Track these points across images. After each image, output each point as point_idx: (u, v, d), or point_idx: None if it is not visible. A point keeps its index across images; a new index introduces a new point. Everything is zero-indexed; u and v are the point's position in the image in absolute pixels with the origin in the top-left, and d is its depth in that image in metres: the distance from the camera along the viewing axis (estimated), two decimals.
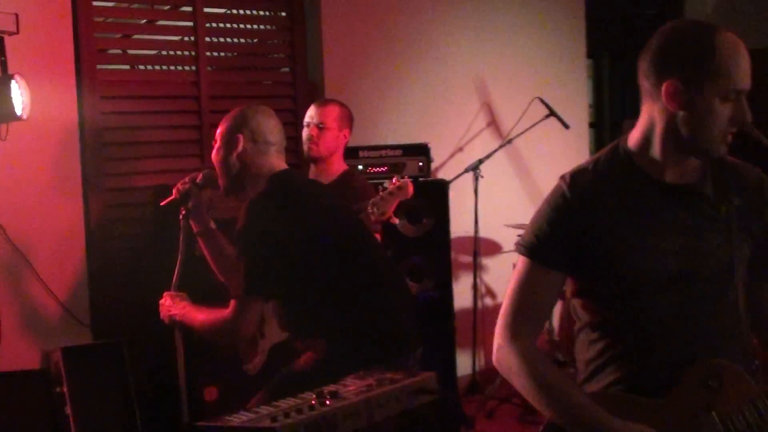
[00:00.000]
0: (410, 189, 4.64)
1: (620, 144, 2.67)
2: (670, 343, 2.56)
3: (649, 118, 2.60)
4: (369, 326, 3.85)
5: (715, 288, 2.57)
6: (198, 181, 4.29)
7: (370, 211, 4.57)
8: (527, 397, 2.68)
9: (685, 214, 2.57)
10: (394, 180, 4.63)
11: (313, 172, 5.12)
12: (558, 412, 2.62)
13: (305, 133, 5.04)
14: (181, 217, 4.31)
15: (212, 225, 4.31)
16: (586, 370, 2.74)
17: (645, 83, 2.60)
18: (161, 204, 4.36)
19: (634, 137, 2.64)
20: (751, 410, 2.50)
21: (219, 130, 4.07)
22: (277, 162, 4.01)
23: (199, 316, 4.07)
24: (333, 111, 5.09)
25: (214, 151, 4.09)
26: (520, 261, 2.69)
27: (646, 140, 2.60)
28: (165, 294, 4.28)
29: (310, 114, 5.06)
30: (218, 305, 4.02)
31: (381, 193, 4.60)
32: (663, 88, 2.52)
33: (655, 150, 2.58)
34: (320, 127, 5.02)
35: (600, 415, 2.52)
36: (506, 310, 2.70)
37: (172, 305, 4.21)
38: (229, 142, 4.00)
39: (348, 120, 5.15)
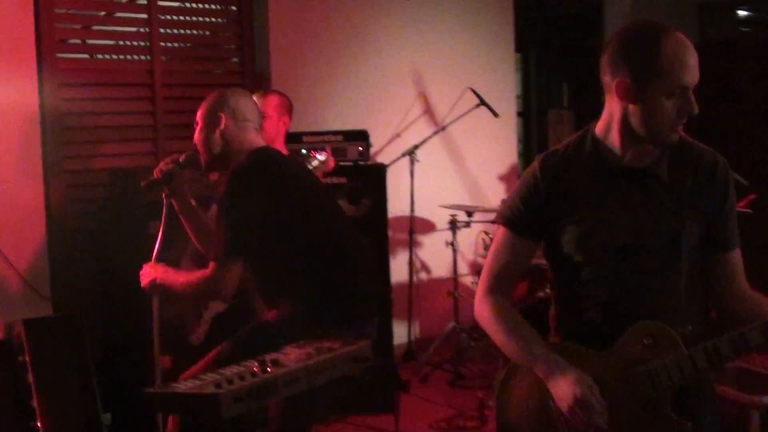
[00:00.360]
0: (331, 163, 4.67)
1: (588, 130, 2.80)
2: (616, 305, 2.70)
3: (609, 110, 2.72)
4: (334, 290, 3.87)
5: (661, 261, 2.67)
6: (180, 161, 4.22)
7: None
8: (495, 341, 2.86)
9: (639, 194, 2.69)
10: (317, 155, 4.64)
11: None
12: (518, 353, 2.79)
13: None
14: (163, 196, 4.23)
15: (193, 202, 4.28)
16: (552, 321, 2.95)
17: (604, 79, 2.70)
18: (142, 185, 4.23)
19: (599, 125, 2.76)
20: (676, 369, 2.60)
21: (199, 113, 4.07)
22: (256, 138, 4.04)
23: (180, 278, 4.07)
24: (273, 100, 5.07)
25: (196, 132, 4.08)
26: (499, 229, 2.90)
27: (608, 128, 2.73)
28: (145, 265, 4.24)
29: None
30: None
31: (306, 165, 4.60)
32: (614, 85, 2.64)
33: (614, 137, 2.71)
34: (262, 117, 4.99)
35: (551, 358, 2.69)
36: (486, 270, 2.91)
37: (152, 271, 4.17)
38: (212, 121, 4.02)
39: (287, 108, 5.13)
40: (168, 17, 6.53)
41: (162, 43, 6.50)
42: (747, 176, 6.25)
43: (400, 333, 7.15)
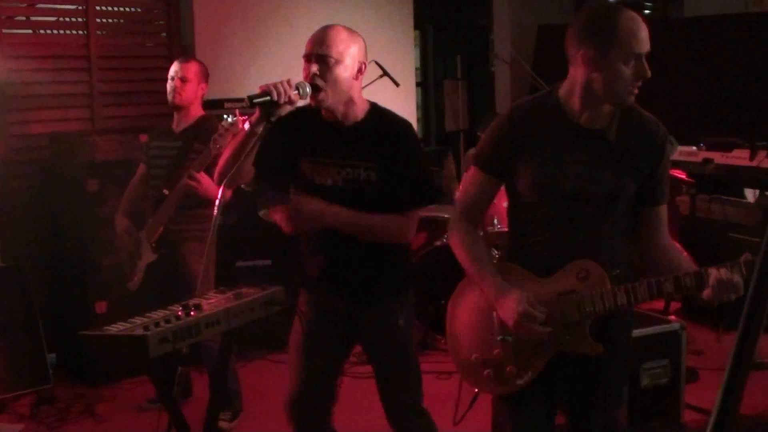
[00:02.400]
0: (240, 125, 4.59)
1: (553, 91, 2.89)
2: (559, 243, 2.83)
3: (572, 77, 2.82)
4: None
5: (600, 209, 2.81)
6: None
7: (212, 146, 4.50)
8: (458, 259, 2.97)
9: (589, 151, 2.81)
10: (228, 118, 4.57)
11: (175, 118, 5.01)
12: (473, 272, 2.92)
13: (170, 85, 4.91)
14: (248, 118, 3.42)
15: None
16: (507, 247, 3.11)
17: (569, 51, 2.81)
18: (252, 99, 3.17)
19: (563, 89, 2.86)
20: (599, 300, 2.75)
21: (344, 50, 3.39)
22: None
23: (372, 219, 3.30)
24: (193, 66, 4.97)
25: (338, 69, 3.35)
26: (471, 167, 3.02)
27: (570, 92, 2.83)
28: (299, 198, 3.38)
29: (174, 69, 4.93)
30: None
31: (219, 130, 4.51)
32: (580, 56, 2.75)
33: (575, 100, 2.81)
34: (183, 80, 4.90)
35: (498, 281, 2.84)
36: (458, 201, 3.09)
37: (315, 203, 3.32)
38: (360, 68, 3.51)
39: (205, 75, 5.04)
40: None
41: (98, 19, 6.43)
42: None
43: None
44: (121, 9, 6.67)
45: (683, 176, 6.20)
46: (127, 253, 4.94)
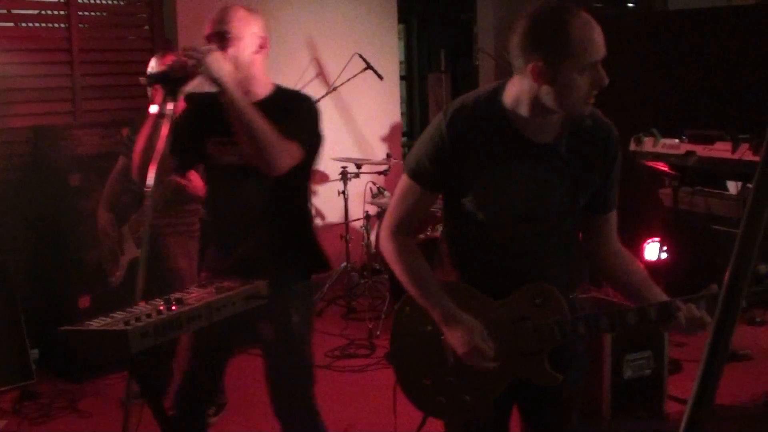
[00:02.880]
0: None
1: (498, 95, 2.63)
2: (512, 264, 2.67)
3: (519, 87, 2.57)
4: None
5: (552, 230, 2.65)
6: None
7: None
8: (398, 276, 2.77)
9: (540, 168, 2.60)
10: None
11: None
12: (417, 296, 2.72)
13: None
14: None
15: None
16: (447, 264, 2.83)
17: (513, 62, 2.56)
18: (149, 77, 3.37)
19: (509, 95, 2.60)
20: (558, 330, 2.60)
21: None
22: None
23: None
24: (170, 60, 4.91)
25: None
26: (403, 177, 2.76)
27: (517, 103, 2.57)
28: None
29: (152, 65, 4.89)
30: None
31: None
32: (529, 69, 2.49)
33: (523, 111, 2.57)
34: None
35: (447, 306, 2.65)
36: (389, 213, 2.80)
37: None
38: None
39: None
40: None
41: (80, 12, 6.38)
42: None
43: None
44: (104, 2, 6.62)
45: (666, 168, 6.21)
46: (109, 248, 4.91)
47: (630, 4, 9.89)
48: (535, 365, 2.64)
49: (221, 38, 3.24)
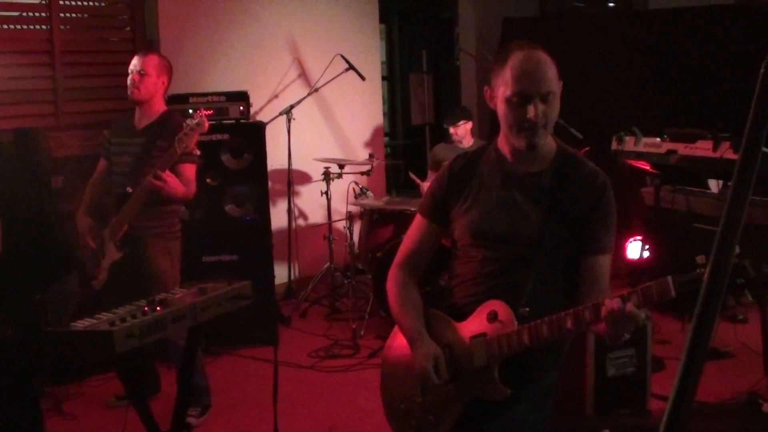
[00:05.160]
0: (205, 124, 4.57)
1: (494, 138, 2.83)
2: (484, 284, 2.75)
3: None
4: None
5: (527, 253, 2.68)
6: None
7: (177, 145, 4.50)
8: (389, 305, 2.96)
9: (521, 196, 2.72)
10: (192, 118, 4.55)
11: (137, 113, 4.97)
12: (398, 316, 2.92)
13: (129, 79, 4.87)
14: None
15: None
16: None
17: None
18: None
19: (501, 132, 2.78)
20: (505, 342, 2.63)
21: None
22: None
23: None
24: (152, 60, 4.92)
25: None
26: (416, 216, 2.98)
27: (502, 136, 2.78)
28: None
29: (134, 63, 4.88)
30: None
31: (184, 129, 4.51)
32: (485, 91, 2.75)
33: (502, 143, 2.78)
34: (141, 73, 4.84)
35: (415, 332, 2.83)
36: (401, 247, 3.01)
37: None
38: None
39: (166, 69, 4.98)
40: None
41: (61, 14, 6.33)
42: (582, 131, 6.39)
43: (281, 274, 7.13)
44: (85, 3, 6.58)
45: (647, 167, 6.25)
46: (90, 252, 4.90)
47: (610, 4, 9.95)
48: (486, 380, 2.69)
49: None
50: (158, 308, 2.96)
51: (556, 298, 2.68)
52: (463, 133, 7.12)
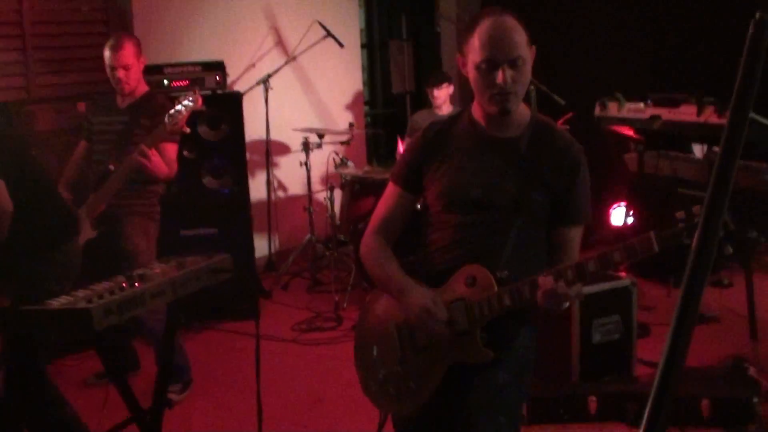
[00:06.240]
0: (200, 101, 4.56)
1: (470, 105, 2.85)
2: (460, 250, 2.75)
3: None
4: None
5: (503, 218, 2.70)
6: None
7: (166, 122, 4.48)
8: (369, 270, 2.94)
9: (497, 160, 2.74)
10: (187, 95, 4.53)
11: (119, 98, 4.95)
12: (381, 280, 2.89)
13: (114, 75, 4.83)
14: None
15: None
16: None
17: None
18: None
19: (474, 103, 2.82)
20: (486, 305, 2.66)
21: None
22: None
23: None
24: (129, 49, 4.87)
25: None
26: (389, 184, 2.97)
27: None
28: None
29: (112, 59, 4.82)
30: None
31: (175, 107, 4.49)
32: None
33: (476, 110, 2.81)
34: (126, 68, 4.83)
35: (405, 280, 2.81)
36: (374, 215, 3.00)
37: None
38: None
39: (140, 48, 4.96)
40: None
41: None
42: (564, 97, 6.39)
43: (261, 246, 7.12)
44: None
45: (631, 133, 6.27)
46: None
47: None
48: (467, 344, 2.71)
49: None
50: (137, 284, 2.95)
51: (534, 261, 2.71)
52: (445, 96, 7.11)
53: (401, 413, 2.91)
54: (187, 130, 4.69)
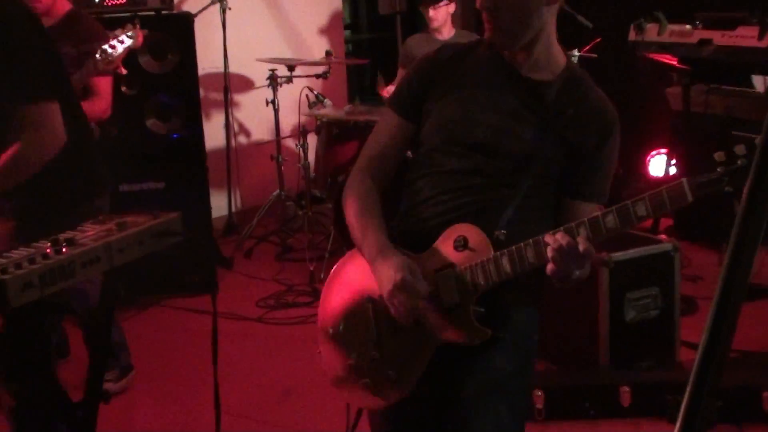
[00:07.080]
0: (140, 39, 4.54)
1: None
2: (452, 202, 2.72)
3: None
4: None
5: (508, 170, 2.68)
6: None
7: (98, 58, 4.45)
8: (346, 219, 2.88)
9: (516, 101, 2.72)
10: (125, 30, 4.51)
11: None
12: (356, 235, 2.82)
13: None
14: None
15: None
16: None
17: None
18: None
19: None
20: (480, 272, 2.61)
21: None
22: None
23: None
24: None
25: None
26: (385, 111, 2.98)
27: None
28: None
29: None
30: None
31: (110, 41, 4.46)
32: None
33: None
34: None
35: (381, 243, 2.74)
36: (364, 148, 2.99)
37: None
38: None
39: None
40: None
41: None
42: (592, 18, 6.37)
43: (218, 205, 7.14)
44: None
45: (674, 62, 6.26)
46: None
47: None
48: (459, 321, 2.67)
49: None
50: (64, 249, 2.94)
51: (539, 227, 2.61)
52: (443, 17, 7.03)
53: (378, 408, 2.89)
54: (124, 71, 4.67)
